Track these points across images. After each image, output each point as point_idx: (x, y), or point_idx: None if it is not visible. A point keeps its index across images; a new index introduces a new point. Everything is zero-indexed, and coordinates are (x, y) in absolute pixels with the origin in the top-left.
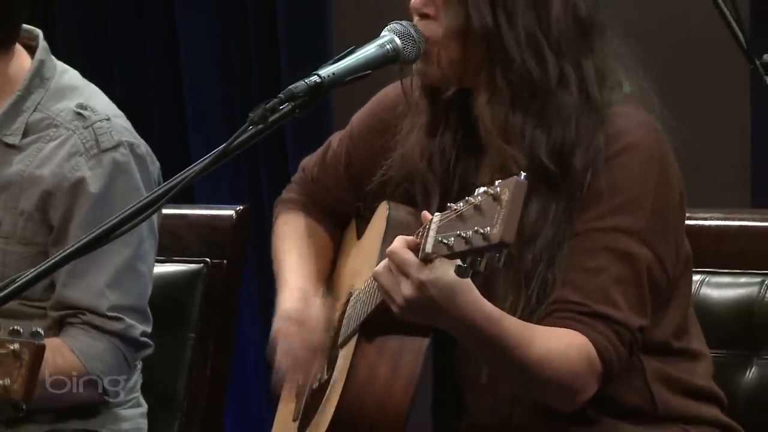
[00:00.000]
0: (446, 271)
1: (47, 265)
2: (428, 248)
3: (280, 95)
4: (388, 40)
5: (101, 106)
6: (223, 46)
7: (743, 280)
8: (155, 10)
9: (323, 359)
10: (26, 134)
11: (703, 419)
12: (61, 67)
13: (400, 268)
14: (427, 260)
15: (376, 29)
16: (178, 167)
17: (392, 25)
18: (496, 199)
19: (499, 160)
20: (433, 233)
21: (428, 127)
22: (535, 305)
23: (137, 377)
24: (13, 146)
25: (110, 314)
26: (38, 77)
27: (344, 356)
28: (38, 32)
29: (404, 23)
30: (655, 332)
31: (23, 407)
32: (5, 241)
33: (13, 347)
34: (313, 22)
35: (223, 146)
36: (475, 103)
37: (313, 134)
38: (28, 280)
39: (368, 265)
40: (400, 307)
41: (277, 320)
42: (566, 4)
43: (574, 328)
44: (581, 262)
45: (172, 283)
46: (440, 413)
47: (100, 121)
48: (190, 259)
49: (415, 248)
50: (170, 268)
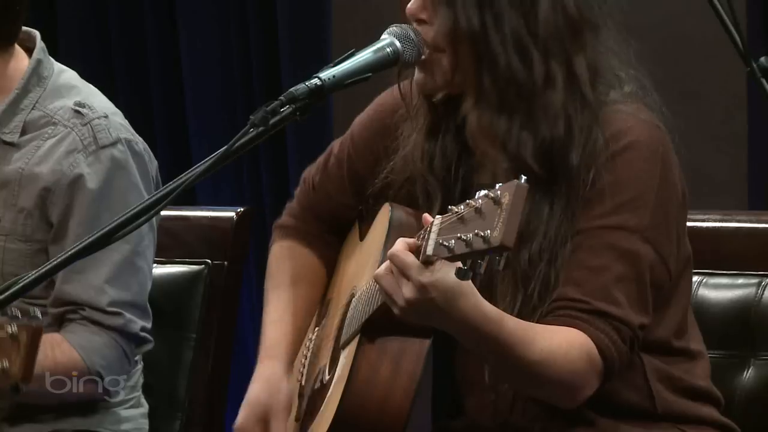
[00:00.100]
0: (447, 273)
1: (49, 266)
2: (429, 250)
3: (280, 98)
4: (388, 42)
5: (99, 104)
6: (224, 49)
7: (741, 281)
8: (156, 13)
9: None
10: (24, 132)
11: (700, 419)
12: (58, 66)
13: (401, 270)
14: (427, 262)
15: (376, 32)
16: (179, 169)
17: (392, 28)
18: (496, 202)
19: (487, 162)
20: (434, 235)
21: (429, 129)
22: (537, 303)
23: (138, 377)
24: (11, 144)
25: (110, 310)
26: (36, 76)
27: (346, 357)
28: (36, 33)
29: (404, 26)
30: (656, 331)
31: (22, 389)
32: (5, 238)
33: (10, 330)
34: (313, 25)
35: (224, 149)
36: (462, 106)
37: (313, 137)
38: (31, 281)
39: (370, 266)
40: (401, 309)
41: (243, 408)
42: (554, 3)
43: (575, 325)
44: (584, 259)
45: (173, 284)
46: (440, 413)
47: (98, 118)
48: (191, 260)
49: (416, 250)
50: (172, 269)
